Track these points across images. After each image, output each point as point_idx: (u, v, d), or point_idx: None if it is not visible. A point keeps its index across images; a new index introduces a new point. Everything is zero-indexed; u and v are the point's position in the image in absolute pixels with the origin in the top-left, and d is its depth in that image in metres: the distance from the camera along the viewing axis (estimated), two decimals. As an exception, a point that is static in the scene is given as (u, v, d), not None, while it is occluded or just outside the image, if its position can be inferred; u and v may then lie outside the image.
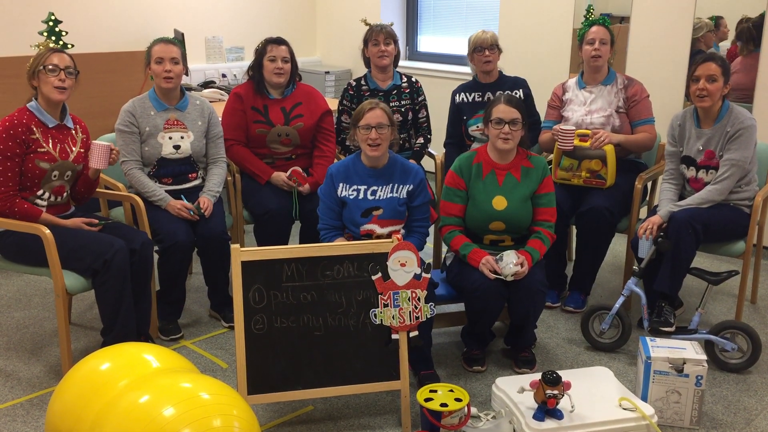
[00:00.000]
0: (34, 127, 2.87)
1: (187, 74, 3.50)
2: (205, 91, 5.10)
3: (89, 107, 4.14)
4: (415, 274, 2.55)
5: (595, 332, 3.22)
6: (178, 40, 4.27)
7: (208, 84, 5.48)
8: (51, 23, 4.27)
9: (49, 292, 3.74)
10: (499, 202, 2.95)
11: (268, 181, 3.52)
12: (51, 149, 2.91)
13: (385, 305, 2.55)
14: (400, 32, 3.81)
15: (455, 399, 2.47)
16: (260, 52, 3.54)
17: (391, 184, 2.96)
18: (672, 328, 3.05)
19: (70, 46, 4.22)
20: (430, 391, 2.52)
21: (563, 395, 2.43)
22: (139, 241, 2.95)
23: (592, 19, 3.68)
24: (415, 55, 6.25)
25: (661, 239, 3.05)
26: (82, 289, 2.85)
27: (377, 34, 3.67)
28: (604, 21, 3.57)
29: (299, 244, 3.45)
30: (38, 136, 2.88)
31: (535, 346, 3.16)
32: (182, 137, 3.30)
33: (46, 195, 2.96)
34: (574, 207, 3.47)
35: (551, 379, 2.42)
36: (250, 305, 2.53)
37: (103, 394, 2.02)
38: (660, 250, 3.07)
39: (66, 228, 2.90)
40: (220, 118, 3.52)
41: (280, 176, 3.51)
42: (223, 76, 5.87)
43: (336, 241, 2.93)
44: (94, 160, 2.94)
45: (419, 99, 3.83)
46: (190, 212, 3.20)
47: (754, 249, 3.39)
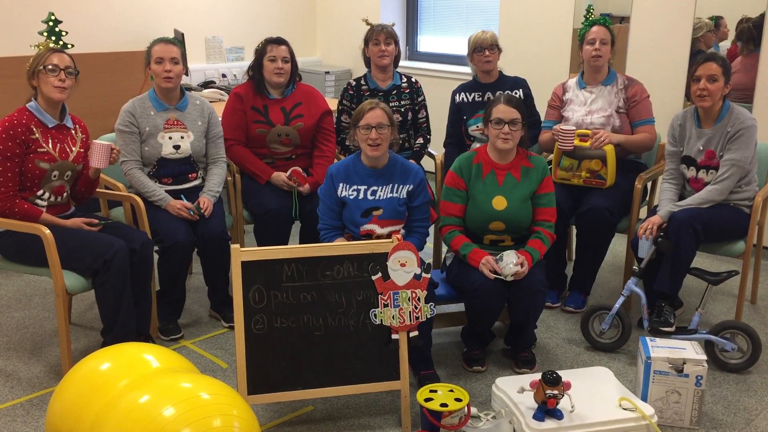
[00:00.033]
0: (33, 128, 2.87)
1: (187, 74, 3.50)
2: (205, 91, 5.10)
3: (89, 107, 4.14)
4: (415, 274, 2.55)
5: (595, 332, 3.22)
6: (178, 40, 4.27)
7: (208, 84, 5.47)
8: (51, 23, 4.26)
9: (49, 292, 3.74)
10: (499, 202, 2.95)
11: (268, 181, 3.52)
12: (51, 149, 2.91)
13: (385, 305, 2.55)
14: (400, 32, 3.81)
15: (455, 399, 2.47)
16: (260, 52, 3.54)
17: (391, 184, 2.96)
18: (672, 328, 3.05)
19: (70, 46, 4.22)
20: (430, 391, 2.52)
21: (563, 395, 2.43)
22: (139, 241, 2.95)
23: (592, 19, 3.68)
24: (415, 55, 6.25)
25: (661, 239, 3.05)
26: (82, 289, 2.85)
27: (378, 34, 3.67)
28: (604, 21, 3.56)
29: (299, 244, 3.45)
30: (38, 136, 2.88)
31: (535, 346, 3.16)
32: (182, 137, 3.30)
33: (46, 195, 2.96)
34: (574, 207, 3.47)
35: (551, 379, 2.42)
36: (250, 305, 2.53)
37: (103, 394, 2.02)
38: (660, 250, 3.07)
39: (66, 228, 2.90)
40: (220, 118, 3.52)
41: (280, 176, 3.51)
42: (223, 76, 5.86)
43: (336, 241, 2.93)
44: (95, 159, 2.94)
45: (419, 99, 3.83)
46: (190, 212, 3.20)
47: (754, 249, 3.39)
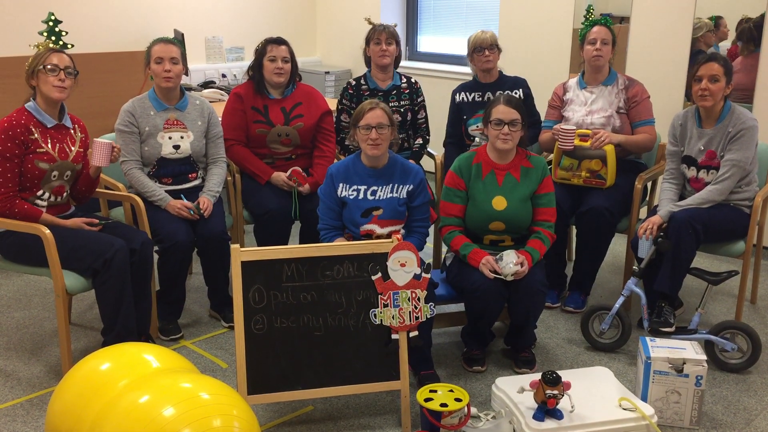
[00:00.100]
0: (32, 128, 2.87)
1: (186, 74, 3.50)
2: (205, 91, 5.10)
3: (89, 107, 4.14)
4: (415, 274, 2.55)
5: (595, 332, 3.22)
6: (178, 40, 4.27)
7: (208, 84, 5.47)
8: (51, 23, 4.26)
9: (49, 292, 3.74)
10: (499, 203, 2.95)
11: (268, 181, 3.52)
12: (50, 149, 2.91)
13: (385, 305, 2.55)
14: (400, 32, 3.81)
15: (455, 399, 2.47)
16: (260, 52, 3.54)
17: (391, 184, 2.96)
18: (672, 329, 3.04)
19: (70, 46, 4.22)
20: (430, 391, 2.52)
21: (563, 395, 2.43)
22: (139, 241, 2.95)
23: (593, 20, 3.68)
24: (415, 55, 6.25)
25: (661, 239, 3.05)
26: (82, 289, 2.85)
27: (379, 34, 3.67)
28: (606, 21, 3.56)
29: (299, 244, 3.45)
30: (37, 137, 2.88)
31: (535, 346, 3.16)
32: (182, 137, 3.30)
33: (46, 195, 2.96)
34: (574, 207, 3.47)
35: (551, 379, 2.42)
36: (250, 305, 2.52)
37: (103, 394, 2.02)
38: (660, 250, 3.07)
39: (66, 228, 2.90)
40: (220, 118, 3.52)
41: (280, 176, 3.51)
42: (223, 76, 5.86)
43: (336, 241, 2.93)
44: (96, 157, 2.94)
45: (418, 100, 3.83)
46: (190, 211, 3.20)
47: (754, 249, 3.38)
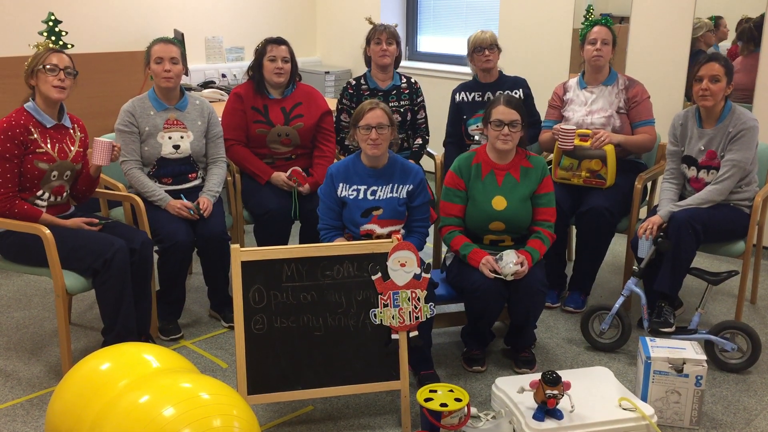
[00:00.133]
0: (32, 128, 2.87)
1: (186, 74, 3.50)
2: (205, 91, 5.10)
3: (89, 107, 4.14)
4: (415, 274, 2.55)
5: (595, 332, 3.22)
6: (178, 40, 4.27)
7: (208, 84, 5.47)
8: (51, 23, 4.26)
9: (49, 292, 3.74)
10: (499, 203, 2.95)
11: (268, 181, 3.52)
12: (49, 149, 2.91)
13: (385, 305, 2.55)
14: (400, 32, 3.81)
15: (455, 399, 2.47)
16: (260, 52, 3.54)
17: (391, 184, 2.96)
18: (672, 329, 3.04)
19: (70, 46, 4.21)
20: (430, 391, 2.52)
21: (563, 395, 2.43)
22: (139, 241, 2.95)
23: (594, 20, 3.68)
24: (415, 55, 6.25)
25: (661, 239, 3.05)
26: (82, 289, 2.85)
27: (380, 33, 3.67)
28: (606, 21, 3.56)
29: (299, 244, 3.45)
30: (36, 137, 2.88)
31: (535, 346, 3.16)
32: (182, 137, 3.30)
33: (46, 195, 2.96)
34: (574, 207, 3.47)
35: (551, 379, 2.42)
36: (250, 305, 2.52)
37: (103, 394, 2.02)
38: (660, 250, 3.07)
39: (66, 228, 2.90)
40: (220, 118, 3.52)
41: (280, 176, 3.51)
42: (223, 76, 5.86)
43: (336, 241, 2.93)
44: (96, 156, 2.94)
45: (418, 100, 3.83)
46: (190, 211, 3.20)
47: (754, 249, 3.39)
